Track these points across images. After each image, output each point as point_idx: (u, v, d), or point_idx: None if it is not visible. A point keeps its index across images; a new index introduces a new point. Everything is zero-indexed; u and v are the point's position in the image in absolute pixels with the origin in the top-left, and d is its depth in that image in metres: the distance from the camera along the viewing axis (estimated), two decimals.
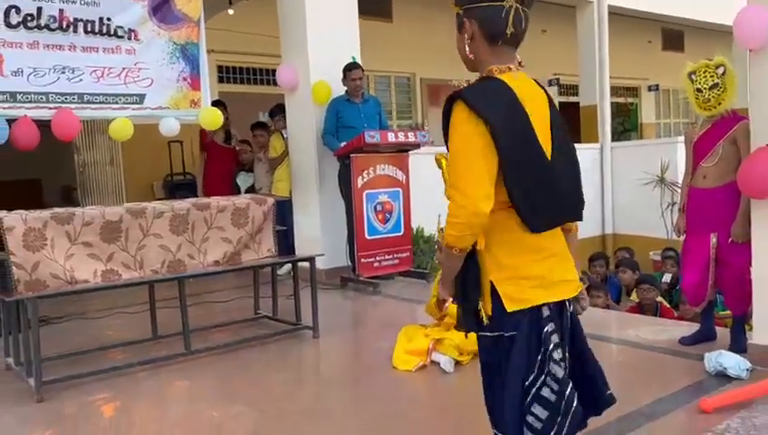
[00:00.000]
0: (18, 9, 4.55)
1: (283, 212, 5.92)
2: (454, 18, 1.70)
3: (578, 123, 10.56)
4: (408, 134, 5.73)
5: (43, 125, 4.70)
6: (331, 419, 2.96)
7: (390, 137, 5.59)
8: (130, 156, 7.90)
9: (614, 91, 11.67)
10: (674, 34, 14.51)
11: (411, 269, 5.94)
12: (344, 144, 5.70)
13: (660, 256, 7.36)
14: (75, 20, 4.78)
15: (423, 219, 6.11)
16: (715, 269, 3.53)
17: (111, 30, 4.93)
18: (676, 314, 5.29)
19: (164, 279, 3.84)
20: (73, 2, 4.77)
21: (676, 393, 2.96)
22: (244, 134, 7.52)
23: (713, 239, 3.50)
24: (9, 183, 8.94)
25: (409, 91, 11.41)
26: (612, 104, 10.65)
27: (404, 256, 5.92)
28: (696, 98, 3.58)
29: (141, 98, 5.13)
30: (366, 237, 5.66)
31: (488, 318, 1.64)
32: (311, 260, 4.30)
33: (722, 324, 4.10)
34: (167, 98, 5.28)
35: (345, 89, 5.97)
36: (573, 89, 13.16)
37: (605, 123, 10.05)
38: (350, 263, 5.82)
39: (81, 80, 4.84)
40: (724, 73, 3.50)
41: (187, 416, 3.11)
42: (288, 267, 5.84)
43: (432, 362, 3.52)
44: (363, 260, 5.67)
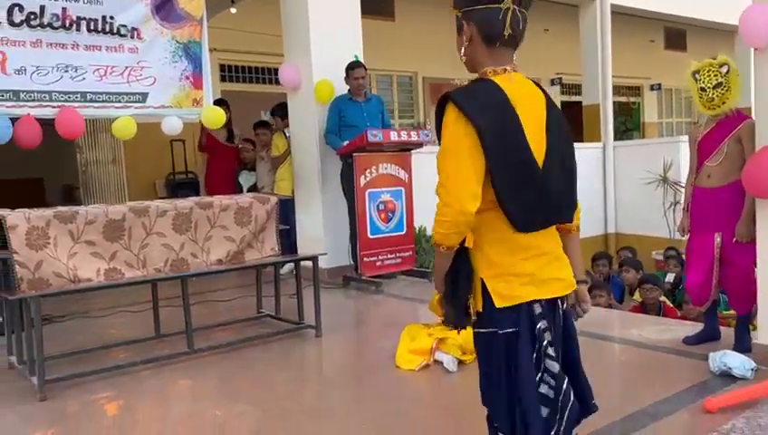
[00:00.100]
0: (21, 7, 4.55)
1: (286, 211, 5.90)
2: (455, 18, 1.71)
3: (580, 122, 10.55)
4: (411, 133, 5.72)
5: (45, 124, 4.69)
6: (334, 418, 2.96)
7: (393, 136, 5.58)
8: (133, 155, 7.91)
9: (616, 90, 11.65)
10: (676, 34, 14.49)
11: (414, 268, 5.94)
12: (347, 143, 5.69)
13: (663, 256, 7.35)
14: (78, 18, 4.78)
15: (425, 218, 6.10)
16: (720, 269, 3.52)
17: (114, 28, 4.93)
18: (679, 313, 5.28)
19: (167, 278, 3.84)
20: (76, 0, 4.77)
21: (681, 393, 2.95)
22: (247, 133, 7.51)
23: (717, 239, 3.49)
24: (11, 182, 8.94)
25: (411, 89, 11.40)
26: (614, 103, 10.63)
27: (406, 255, 5.91)
28: (700, 97, 3.57)
29: (144, 96, 5.13)
30: (368, 236, 5.66)
31: (477, 314, 1.67)
32: (314, 259, 4.30)
33: (725, 324, 4.10)
34: (169, 97, 5.28)
35: (348, 88, 5.96)
36: (576, 88, 13.15)
37: (608, 122, 10.03)
38: (352, 262, 5.81)
39: (84, 78, 4.84)
40: (728, 72, 3.49)
41: (190, 415, 3.10)
42: (290, 266, 5.83)
43: (435, 361, 3.51)
44: (366, 259, 5.67)
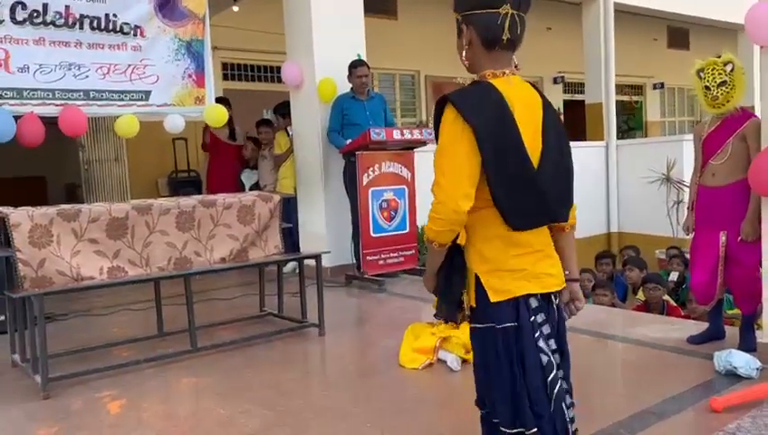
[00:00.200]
0: (24, 5, 4.54)
1: (288, 210, 5.91)
2: (456, 21, 1.74)
3: (583, 121, 10.52)
4: (414, 131, 5.71)
5: (47, 122, 4.69)
6: (338, 416, 2.95)
7: (396, 134, 5.57)
8: (135, 153, 7.90)
9: (619, 89, 11.60)
10: (679, 32, 14.45)
11: (416, 267, 5.93)
12: (350, 141, 5.68)
13: (666, 255, 7.34)
14: (81, 16, 4.77)
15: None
16: (725, 268, 3.50)
17: (117, 27, 4.92)
18: (683, 312, 5.27)
19: (170, 276, 3.83)
20: None
21: (686, 392, 2.94)
22: (250, 131, 7.50)
23: (722, 237, 3.48)
24: (13, 180, 8.94)
25: (414, 88, 11.39)
26: (617, 102, 10.60)
27: (409, 253, 5.91)
28: (705, 96, 3.55)
29: (147, 95, 5.12)
30: (371, 235, 5.65)
31: (471, 310, 1.72)
32: (317, 257, 4.29)
33: (730, 323, 4.08)
34: (172, 95, 5.27)
35: (350, 86, 5.95)
36: (578, 87, 13.12)
37: (610, 121, 10.00)
38: (354, 261, 5.81)
39: (88, 76, 4.83)
40: (732, 71, 3.47)
41: (194, 413, 3.10)
42: (293, 265, 5.84)
43: (439, 360, 3.51)
44: (368, 258, 5.66)
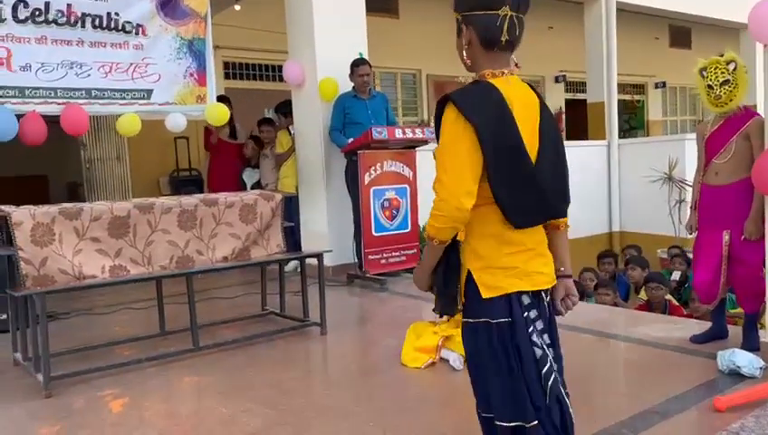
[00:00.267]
0: (26, 3, 4.53)
1: (290, 209, 5.91)
2: (456, 20, 1.77)
3: (585, 120, 10.50)
4: (416, 130, 5.70)
5: (49, 121, 4.69)
6: (340, 415, 2.95)
7: (398, 133, 5.56)
8: (137, 152, 7.90)
9: (621, 88, 11.60)
10: (681, 31, 14.43)
11: None
12: (351, 140, 5.67)
13: (668, 254, 7.32)
14: (83, 15, 4.76)
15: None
16: (728, 267, 3.49)
17: (119, 25, 4.91)
18: (685, 311, 5.26)
19: (173, 275, 3.83)
20: None
21: (690, 392, 2.93)
22: (252, 130, 7.50)
23: (725, 237, 3.46)
24: (15, 179, 8.95)
25: (415, 87, 11.38)
26: (619, 102, 10.58)
27: (411, 252, 5.90)
28: (708, 94, 3.54)
29: (149, 93, 5.12)
30: (373, 234, 5.64)
31: (463, 305, 1.76)
32: (319, 256, 4.29)
33: (732, 322, 4.07)
34: (173, 94, 5.26)
35: (352, 85, 5.94)
36: (580, 86, 13.11)
37: (612, 120, 9.98)
38: (356, 260, 5.80)
39: (89, 75, 4.82)
40: (735, 69, 3.46)
41: (196, 412, 3.10)
42: (294, 264, 5.83)
43: (441, 359, 3.50)
44: (370, 257, 5.65)
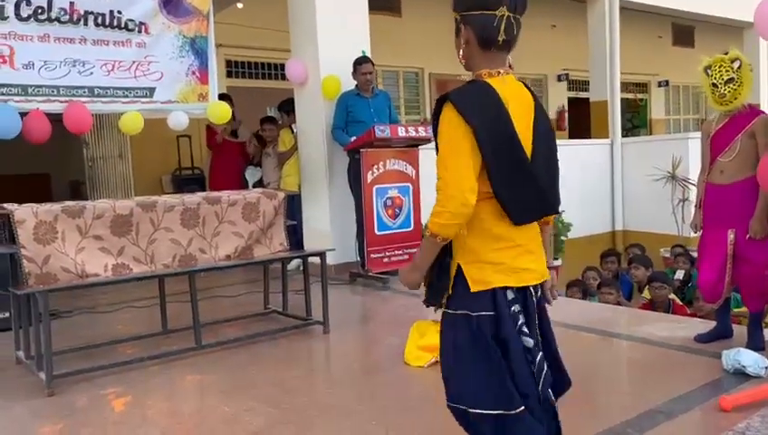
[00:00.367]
0: (29, 1, 4.52)
1: (292, 207, 5.90)
2: (454, 20, 1.81)
3: (588, 119, 10.48)
4: (419, 129, 5.68)
5: (52, 119, 4.68)
6: (343, 414, 2.94)
7: (401, 131, 5.54)
8: (139, 150, 7.90)
9: (623, 86, 11.56)
10: (684, 30, 14.39)
11: None
12: (354, 139, 5.66)
13: (671, 253, 7.31)
14: (86, 13, 4.75)
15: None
16: (733, 266, 3.47)
17: (122, 23, 4.90)
18: (689, 310, 5.25)
19: (175, 273, 3.82)
20: None
21: (695, 391, 2.92)
22: (254, 129, 7.48)
23: (730, 235, 3.45)
24: (18, 177, 8.95)
25: (418, 85, 11.36)
26: (621, 100, 10.55)
27: (414, 251, 5.87)
28: (712, 93, 3.52)
29: (151, 91, 5.11)
30: (375, 233, 5.63)
31: (449, 297, 1.81)
32: (322, 255, 4.28)
33: (737, 322, 4.06)
34: (176, 92, 5.25)
35: (355, 83, 5.93)
36: (582, 84, 13.08)
37: (615, 119, 9.96)
38: (359, 258, 5.79)
39: (92, 73, 4.82)
40: (739, 67, 3.44)
41: (198, 410, 3.09)
42: (297, 262, 5.82)
43: None
44: (373, 255, 5.64)
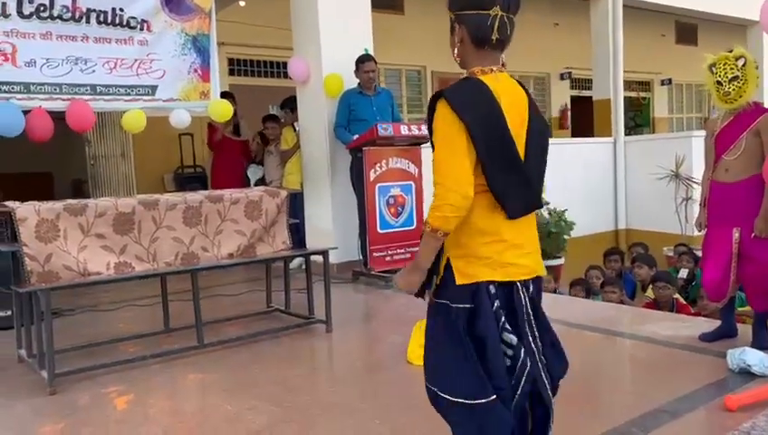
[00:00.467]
0: None
1: (294, 205, 5.88)
2: (449, 19, 1.86)
3: (590, 117, 10.46)
4: (421, 127, 5.66)
5: (54, 117, 4.67)
6: (346, 413, 2.93)
7: (403, 130, 5.53)
8: (141, 148, 7.89)
9: (626, 85, 11.52)
10: (687, 28, 14.35)
11: None
12: (357, 137, 5.64)
13: (674, 252, 7.28)
14: (88, 10, 4.74)
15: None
16: (738, 264, 3.45)
17: (124, 21, 4.89)
18: (692, 309, 5.23)
19: (178, 271, 3.81)
20: None
21: (700, 391, 2.90)
22: (257, 127, 7.47)
23: (735, 234, 3.42)
24: (20, 176, 8.95)
25: (420, 84, 11.34)
26: (624, 99, 10.53)
27: (416, 250, 5.84)
28: (717, 91, 3.50)
29: (153, 89, 5.10)
30: (378, 231, 5.61)
31: (437, 287, 1.85)
32: (324, 254, 4.26)
33: (741, 321, 4.04)
34: (178, 90, 5.24)
35: (357, 81, 5.92)
36: (585, 82, 13.05)
37: (618, 117, 9.93)
38: (361, 257, 5.78)
39: (94, 71, 4.81)
40: (744, 65, 3.42)
41: (200, 409, 3.08)
42: (299, 261, 5.81)
43: None
44: (375, 254, 5.62)
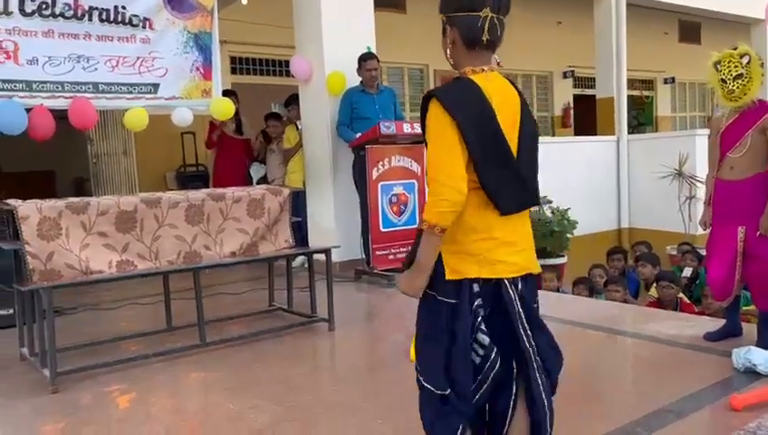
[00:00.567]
0: None
1: (297, 204, 5.87)
2: (441, 21, 1.92)
3: (593, 116, 10.43)
4: None
5: (56, 116, 4.66)
6: (348, 411, 2.92)
7: (406, 128, 5.52)
8: (143, 147, 7.88)
9: (629, 83, 11.47)
10: (691, 26, 14.30)
11: None
12: (359, 135, 5.63)
13: (678, 251, 7.26)
14: (90, 8, 4.73)
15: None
16: (742, 263, 3.43)
17: (126, 19, 4.88)
18: (696, 308, 5.21)
19: (180, 270, 3.80)
20: None
21: (705, 390, 2.89)
22: (259, 125, 7.45)
23: (740, 232, 3.40)
24: (23, 174, 8.97)
25: (422, 82, 11.32)
26: (627, 97, 10.49)
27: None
28: (722, 88, 3.49)
29: (155, 87, 5.09)
30: (380, 230, 5.60)
31: (431, 280, 1.82)
32: (327, 252, 4.25)
33: (745, 320, 4.02)
34: (180, 88, 5.23)
35: (360, 79, 5.90)
36: (588, 81, 13.01)
37: (622, 116, 9.91)
38: (364, 255, 5.77)
39: (96, 69, 4.79)
40: (748, 63, 3.41)
41: (203, 408, 3.08)
42: (301, 260, 5.80)
43: None
44: (378, 253, 5.61)
